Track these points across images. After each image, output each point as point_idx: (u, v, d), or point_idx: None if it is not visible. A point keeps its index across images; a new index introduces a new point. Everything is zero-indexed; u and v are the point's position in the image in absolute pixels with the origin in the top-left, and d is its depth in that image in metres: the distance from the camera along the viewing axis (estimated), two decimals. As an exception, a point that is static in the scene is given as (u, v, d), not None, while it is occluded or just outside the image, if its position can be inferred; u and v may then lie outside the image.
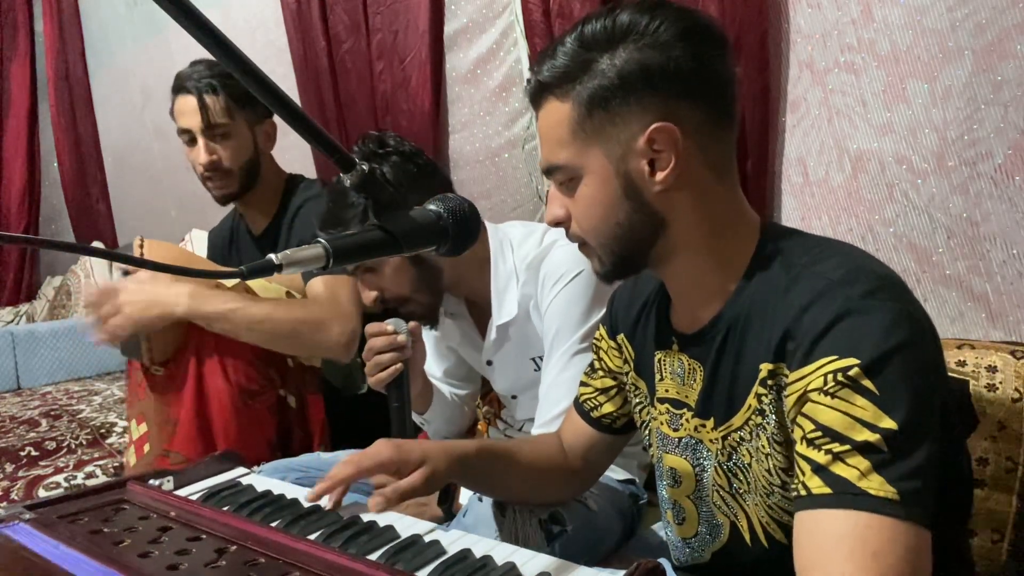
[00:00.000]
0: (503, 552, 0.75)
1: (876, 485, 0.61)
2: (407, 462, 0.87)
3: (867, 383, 0.63)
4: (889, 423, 0.62)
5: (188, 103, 1.60)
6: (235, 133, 1.62)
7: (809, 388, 0.66)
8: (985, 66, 1.14)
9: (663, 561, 0.91)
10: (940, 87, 1.19)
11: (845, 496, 0.61)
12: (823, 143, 1.37)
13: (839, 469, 0.62)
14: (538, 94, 0.79)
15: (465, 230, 0.72)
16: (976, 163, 1.18)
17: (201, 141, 1.60)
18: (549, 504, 1.05)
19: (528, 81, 0.80)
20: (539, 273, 1.28)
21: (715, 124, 0.76)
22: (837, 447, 0.63)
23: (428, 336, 1.58)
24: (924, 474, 0.61)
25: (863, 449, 0.62)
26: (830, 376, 0.65)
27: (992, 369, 1.04)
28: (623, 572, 0.65)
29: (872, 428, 0.62)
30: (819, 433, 0.64)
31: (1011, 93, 1.12)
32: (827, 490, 0.62)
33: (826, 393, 0.65)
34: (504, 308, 1.32)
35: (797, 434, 0.67)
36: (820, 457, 0.64)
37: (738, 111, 0.80)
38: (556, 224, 0.83)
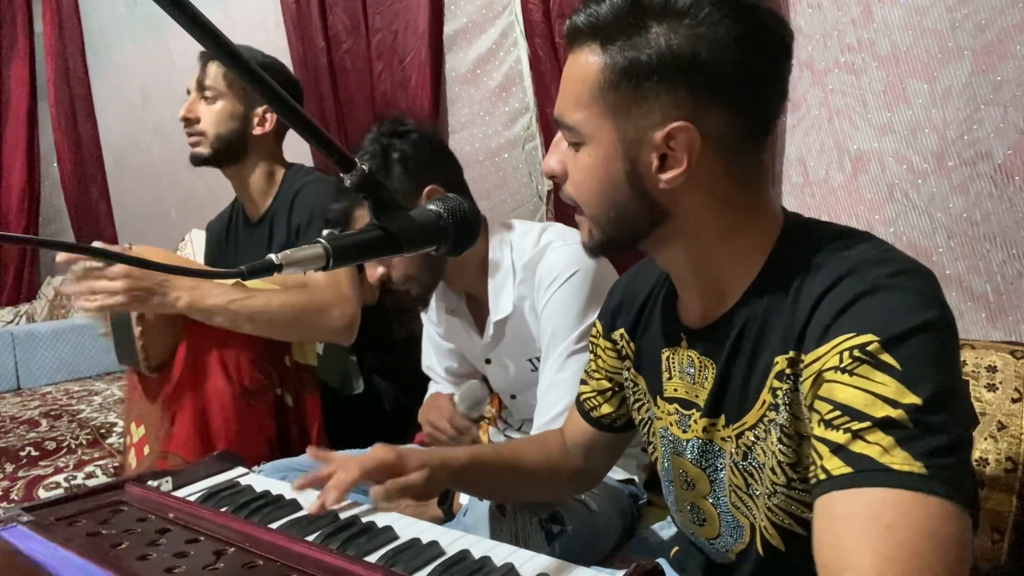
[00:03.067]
0: (502, 552, 0.75)
1: (900, 460, 0.55)
2: (405, 468, 0.87)
3: (887, 358, 0.58)
4: (913, 398, 0.57)
5: (198, 68, 1.71)
6: (223, 100, 1.68)
7: (824, 368, 0.62)
8: (985, 66, 1.14)
9: (662, 561, 0.91)
10: (940, 87, 1.19)
11: (865, 474, 0.56)
12: (823, 143, 1.37)
13: (859, 447, 0.57)
14: (573, 37, 0.72)
15: (465, 230, 0.72)
16: (976, 163, 1.18)
17: (191, 97, 1.70)
18: (553, 503, 1.05)
19: (573, 16, 0.73)
20: (535, 275, 1.28)
21: (742, 137, 0.70)
22: (856, 425, 0.58)
23: (430, 335, 1.59)
24: (955, 453, 0.56)
25: (885, 425, 0.57)
26: (846, 353, 0.60)
27: (992, 369, 1.03)
28: (622, 572, 0.64)
29: (894, 404, 0.57)
30: (837, 412, 0.59)
31: (1011, 93, 1.12)
32: (847, 469, 0.57)
33: (843, 371, 0.60)
34: (500, 304, 1.33)
35: (814, 419, 0.62)
36: (839, 437, 0.59)
37: (777, 125, 0.74)
38: (551, 176, 0.78)
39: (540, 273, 1.28)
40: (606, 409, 0.99)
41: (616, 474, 1.28)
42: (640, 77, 0.67)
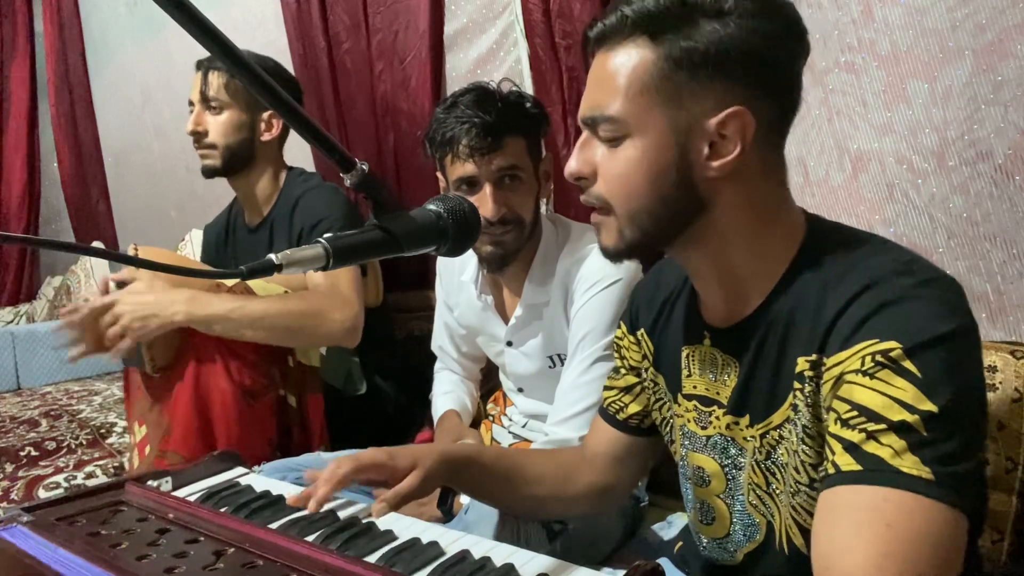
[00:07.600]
0: (503, 552, 0.75)
1: (909, 464, 0.57)
2: (396, 468, 0.87)
3: (909, 365, 0.60)
4: (929, 406, 0.58)
5: (196, 77, 1.70)
6: (229, 111, 1.68)
7: (846, 370, 0.63)
8: (985, 66, 1.14)
9: (663, 561, 0.91)
10: (940, 87, 1.19)
11: (873, 473, 0.58)
12: (823, 143, 1.37)
13: (872, 447, 0.59)
14: (620, 30, 0.71)
15: (465, 230, 0.72)
16: (976, 163, 1.17)
17: (196, 110, 1.69)
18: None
19: (607, 16, 0.71)
20: (575, 276, 1.29)
21: (779, 128, 0.74)
22: (872, 426, 0.60)
23: (442, 316, 1.59)
24: (964, 461, 0.58)
25: (899, 429, 0.58)
26: (869, 357, 0.62)
27: (992, 369, 1.03)
28: (623, 572, 0.64)
29: (911, 409, 0.59)
30: (855, 413, 0.61)
31: (1011, 93, 1.12)
32: (857, 467, 0.59)
33: (864, 374, 0.62)
34: (537, 292, 1.35)
35: (831, 418, 0.64)
36: (854, 436, 0.60)
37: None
38: (576, 178, 0.76)
39: (581, 274, 1.29)
40: (633, 408, 0.98)
41: (617, 474, 1.28)
42: (697, 67, 0.68)
